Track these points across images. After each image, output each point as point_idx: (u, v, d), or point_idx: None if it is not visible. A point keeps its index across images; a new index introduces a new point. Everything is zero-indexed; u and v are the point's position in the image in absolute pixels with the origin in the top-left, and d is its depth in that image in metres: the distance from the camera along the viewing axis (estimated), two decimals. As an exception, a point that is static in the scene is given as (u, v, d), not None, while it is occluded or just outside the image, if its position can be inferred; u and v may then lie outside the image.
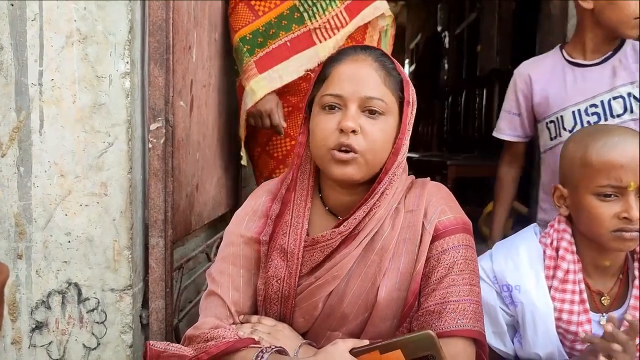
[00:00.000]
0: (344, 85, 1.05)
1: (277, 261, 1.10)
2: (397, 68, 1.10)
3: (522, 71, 1.84)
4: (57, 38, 1.37)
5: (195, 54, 1.65)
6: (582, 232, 1.20)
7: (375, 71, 1.06)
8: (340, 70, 1.07)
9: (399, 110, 1.08)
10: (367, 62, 1.06)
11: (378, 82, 1.05)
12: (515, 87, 1.84)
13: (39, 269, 1.41)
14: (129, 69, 1.38)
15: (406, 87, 1.08)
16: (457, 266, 1.04)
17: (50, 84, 1.38)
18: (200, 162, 1.75)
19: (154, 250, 1.41)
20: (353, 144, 1.02)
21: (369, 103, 1.04)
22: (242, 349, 1.02)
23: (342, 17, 1.86)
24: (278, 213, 1.13)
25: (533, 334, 1.19)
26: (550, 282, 1.19)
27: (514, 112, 1.87)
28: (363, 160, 1.04)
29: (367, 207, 1.06)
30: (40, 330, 1.42)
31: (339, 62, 1.08)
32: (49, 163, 1.39)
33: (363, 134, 1.03)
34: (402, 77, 1.09)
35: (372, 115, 1.04)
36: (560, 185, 1.23)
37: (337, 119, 1.04)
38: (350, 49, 1.11)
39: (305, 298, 1.09)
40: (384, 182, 1.06)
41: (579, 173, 1.17)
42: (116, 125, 1.39)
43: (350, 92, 1.04)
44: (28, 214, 1.40)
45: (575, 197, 1.18)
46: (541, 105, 1.77)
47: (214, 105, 1.92)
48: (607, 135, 1.16)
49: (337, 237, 1.06)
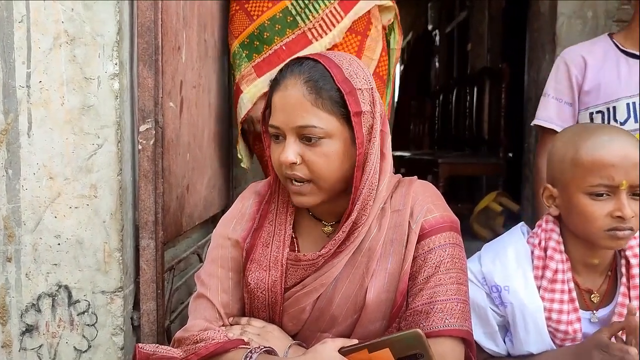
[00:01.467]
0: (278, 115, 1.03)
1: (259, 273, 1.09)
2: (337, 80, 1.01)
3: (574, 56, 1.71)
4: (45, 39, 1.37)
5: (184, 55, 1.65)
6: (573, 231, 1.20)
7: (304, 96, 1.00)
8: (276, 99, 1.04)
9: (347, 124, 1.02)
10: (295, 87, 1.01)
11: (308, 108, 1.00)
12: (569, 72, 1.70)
13: (28, 272, 1.40)
14: (118, 70, 1.37)
15: (350, 99, 1.00)
16: (444, 265, 1.05)
17: (38, 85, 1.37)
18: (190, 163, 1.74)
19: (145, 251, 1.41)
20: (298, 174, 1.02)
21: (303, 132, 1.00)
22: (231, 349, 1.02)
23: (336, 13, 1.86)
24: (258, 225, 1.13)
25: (524, 333, 1.19)
26: (540, 282, 1.20)
27: (566, 101, 1.71)
28: (315, 187, 1.03)
29: (347, 227, 1.04)
30: (30, 333, 1.41)
31: (276, 89, 1.04)
32: (38, 165, 1.39)
33: (305, 163, 1.01)
34: (343, 90, 1.01)
35: (311, 143, 1.01)
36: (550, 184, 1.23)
37: (281, 148, 1.03)
38: (288, 68, 1.05)
39: (292, 304, 1.09)
40: (358, 200, 1.03)
41: (569, 172, 1.16)
42: (105, 127, 1.38)
43: (284, 123, 1.01)
44: (17, 216, 1.39)
45: (566, 196, 1.18)
46: (590, 93, 1.66)
47: (204, 106, 1.92)
48: (598, 134, 1.16)
49: (318, 259, 1.06)
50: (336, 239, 1.05)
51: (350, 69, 1.04)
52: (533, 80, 3.33)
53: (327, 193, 1.04)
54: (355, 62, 1.07)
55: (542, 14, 3.22)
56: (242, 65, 1.87)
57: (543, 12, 3.21)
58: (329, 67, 1.02)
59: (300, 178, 1.02)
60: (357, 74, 1.04)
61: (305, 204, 1.05)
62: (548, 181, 1.24)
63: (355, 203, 1.03)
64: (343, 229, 1.04)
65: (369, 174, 1.03)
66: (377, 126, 1.04)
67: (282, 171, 1.05)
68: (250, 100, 1.86)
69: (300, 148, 1.01)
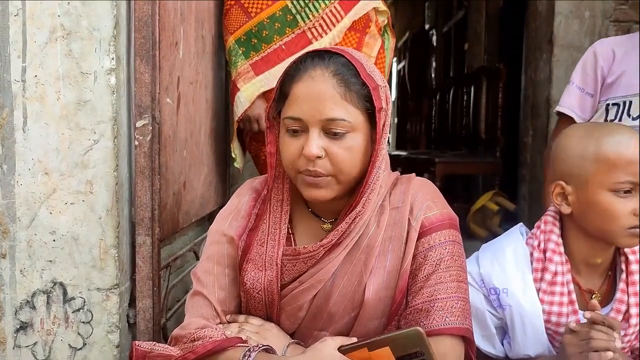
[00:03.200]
0: (302, 107, 1.00)
1: (254, 272, 1.08)
2: (363, 75, 1.01)
3: (605, 47, 1.70)
4: (41, 34, 1.35)
5: (182, 51, 1.64)
6: (588, 229, 1.17)
7: (334, 88, 0.99)
8: (298, 90, 1.01)
9: (369, 120, 1.03)
10: (324, 78, 0.99)
11: (337, 100, 0.99)
12: (596, 64, 1.69)
13: (23, 268, 1.39)
14: (115, 65, 1.36)
15: (375, 94, 1.01)
16: (444, 263, 1.04)
17: (34, 80, 1.36)
18: (187, 159, 1.73)
19: (141, 248, 1.40)
20: (320, 169, 1.00)
21: (330, 125, 0.99)
22: (229, 348, 1.01)
23: (336, 12, 1.85)
24: (253, 225, 1.12)
25: (522, 335, 1.19)
26: (539, 284, 1.19)
27: (588, 92, 1.71)
28: (334, 181, 1.02)
29: (350, 218, 1.03)
30: (25, 330, 1.40)
31: (297, 80, 1.01)
32: (33, 161, 1.37)
33: (329, 156, 1.00)
34: (369, 85, 1.01)
35: (336, 137, 1.00)
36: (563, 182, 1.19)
37: (301, 142, 1.01)
38: (308, 60, 1.03)
39: (289, 302, 1.08)
40: (365, 193, 1.03)
41: (591, 168, 1.13)
42: (102, 123, 1.37)
43: (309, 115, 0.99)
44: (12, 212, 1.38)
45: (585, 193, 1.14)
46: (611, 85, 1.65)
47: (202, 102, 1.90)
48: (619, 131, 1.14)
49: (319, 250, 1.05)
50: (339, 229, 1.04)
51: (369, 66, 1.05)
52: (530, 79, 3.33)
53: (344, 188, 1.04)
54: (371, 62, 1.09)
55: (539, 13, 3.23)
56: (238, 62, 1.86)
57: (540, 12, 3.21)
58: (354, 62, 1.02)
59: (320, 173, 1.00)
60: (375, 72, 1.05)
61: (319, 197, 1.03)
62: (557, 178, 1.20)
63: (362, 196, 1.03)
64: (347, 220, 1.03)
65: (379, 170, 1.04)
66: (389, 124, 1.05)
67: (297, 165, 1.02)
68: (248, 99, 1.85)
69: (324, 141, 1.00)
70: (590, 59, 1.72)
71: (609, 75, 1.67)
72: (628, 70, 1.64)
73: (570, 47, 2.97)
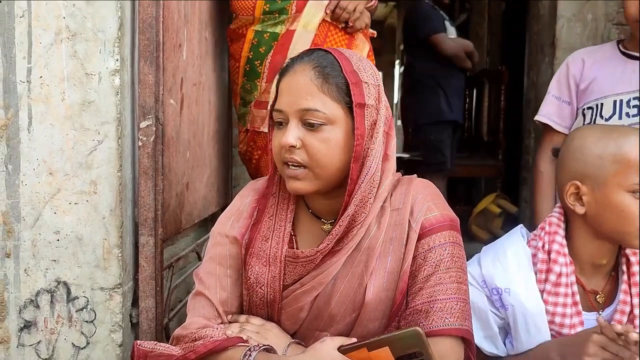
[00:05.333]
0: (283, 99, 1.04)
1: (258, 267, 1.09)
2: (345, 70, 1.02)
3: (575, 57, 1.78)
4: (46, 35, 1.36)
5: (185, 52, 1.65)
6: (602, 230, 1.16)
7: (311, 80, 1.01)
8: (282, 84, 1.06)
9: (350, 115, 1.02)
10: (304, 71, 1.03)
11: (314, 92, 1.01)
12: (568, 73, 1.77)
13: (27, 267, 1.40)
14: (119, 67, 1.37)
15: (355, 89, 1.02)
16: (444, 264, 1.04)
17: (39, 81, 1.37)
18: (190, 160, 1.74)
19: (144, 248, 1.41)
20: (296, 157, 1.02)
21: (306, 115, 1.01)
22: (230, 347, 1.02)
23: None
24: (256, 219, 1.13)
25: (526, 335, 1.19)
26: (543, 285, 1.19)
27: (564, 100, 1.77)
28: (312, 174, 1.03)
29: (344, 221, 1.03)
30: (28, 329, 1.41)
31: (284, 75, 1.07)
32: (38, 161, 1.38)
33: (305, 147, 1.01)
34: (349, 80, 1.02)
35: (312, 128, 1.01)
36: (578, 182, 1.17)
37: (282, 134, 1.04)
38: (297, 57, 1.07)
39: (290, 303, 1.09)
40: (356, 192, 1.02)
41: (611, 169, 1.12)
42: (106, 123, 1.38)
43: (288, 106, 1.03)
44: (16, 212, 1.39)
45: (602, 194, 1.14)
46: (585, 91, 1.71)
47: (205, 104, 1.92)
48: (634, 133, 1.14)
49: (317, 255, 1.05)
50: (333, 233, 1.04)
51: (359, 63, 1.06)
52: (532, 82, 3.33)
53: (323, 182, 1.04)
54: (366, 60, 1.09)
55: (541, 16, 3.23)
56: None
57: (543, 15, 3.22)
58: (339, 58, 1.04)
59: (297, 162, 1.02)
60: (365, 69, 1.06)
61: (299, 190, 1.04)
62: (571, 178, 1.18)
63: (352, 196, 1.03)
64: (340, 223, 1.03)
65: (370, 170, 1.03)
66: (381, 123, 1.04)
67: (280, 156, 1.05)
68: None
69: (302, 132, 1.02)
70: (564, 69, 1.81)
71: (582, 82, 1.74)
72: (599, 77, 1.70)
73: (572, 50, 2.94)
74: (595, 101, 1.69)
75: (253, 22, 1.84)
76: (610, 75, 1.69)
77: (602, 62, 1.72)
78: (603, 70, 1.70)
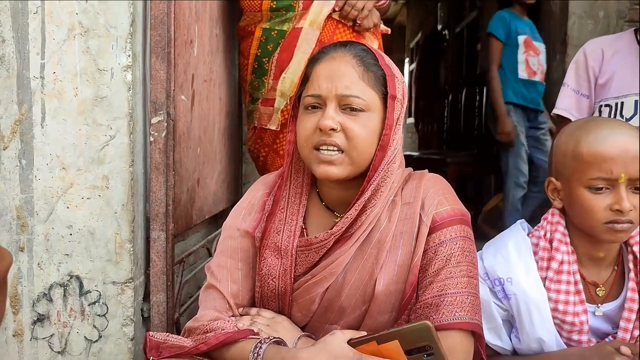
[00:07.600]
0: (321, 84, 1.05)
1: (271, 259, 1.10)
2: (381, 62, 1.07)
3: (594, 47, 1.72)
4: (59, 31, 1.38)
5: (196, 49, 1.66)
6: (575, 224, 1.21)
7: (353, 67, 1.04)
8: (318, 70, 1.07)
9: (383, 106, 1.06)
10: (344, 58, 1.05)
11: (355, 79, 1.04)
12: (587, 65, 1.71)
13: (40, 261, 1.41)
14: (131, 62, 1.38)
15: (390, 82, 1.06)
16: (455, 258, 1.05)
17: (52, 77, 1.38)
18: (201, 156, 1.75)
19: (155, 243, 1.42)
20: (336, 140, 1.02)
21: (346, 101, 1.03)
22: (241, 340, 1.03)
23: None
24: (270, 211, 1.14)
25: (529, 324, 1.19)
26: (545, 272, 1.20)
27: (583, 94, 1.73)
28: (348, 159, 1.04)
29: (359, 205, 1.05)
30: (41, 322, 1.42)
31: (318, 61, 1.08)
32: (51, 156, 1.40)
33: (344, 131, 1.03)
34: (385, 72, 1.06)
35: (352, 113, 1.03)
36: (554, 178, 1.24)
37: (317, 118, 1.04)
38: (331, 46, 1.10)
39: (301, 294, 1.10)
40: (374, 179, 1.05)
41: (571, 166, 1.18)
42: (118, 119, 1.39)
43: (327, 91, 1.04)
44: (30, 206, 1.40)
45: (568, 190, 1.19)
46: (604, 86, 1.67)
47: (215, 101, 1.93)
48: (599, 127, 1.17)
49: (330, 238, 1.06)
50: (348, 216, 1.06)
51: (388, 59, 1.11)
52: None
53: (355, 168, 1.05)
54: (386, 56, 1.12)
55: (553, 13, 3.22)
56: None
57: (554, 12, 3.20)
58: (372, 51, 1.08)
59: (336, 145, 1.03)
60: (392, 65, 1.11)
61: (332, 175, 1.04)
62: (552, 174, 1.25)
63: (370, 182, 1.05)
64: (355, 207, 1.05)
65: (390, 158, 1.06)
66: (403, 117, 1.08)
67: (311, 140, 1.05)
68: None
69: (341, 117, 1.03)
70: (581, 60, 1.74)
71: (600, 76, 1.69)
72: (618, 71, 1.65)
73: (584, 48, 2.95)
74: (615, 99, 1.65)
75: (261, 19, 1.85)
76: (631, 71, 1.65)
77: (622, 56, 1.67)
78: (623, 65, 1.66)
